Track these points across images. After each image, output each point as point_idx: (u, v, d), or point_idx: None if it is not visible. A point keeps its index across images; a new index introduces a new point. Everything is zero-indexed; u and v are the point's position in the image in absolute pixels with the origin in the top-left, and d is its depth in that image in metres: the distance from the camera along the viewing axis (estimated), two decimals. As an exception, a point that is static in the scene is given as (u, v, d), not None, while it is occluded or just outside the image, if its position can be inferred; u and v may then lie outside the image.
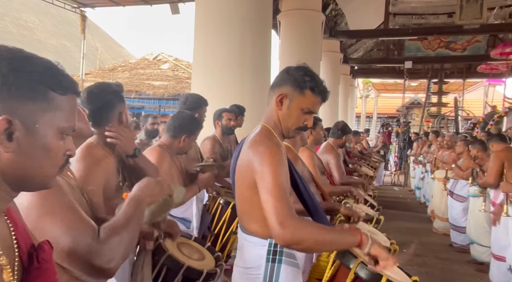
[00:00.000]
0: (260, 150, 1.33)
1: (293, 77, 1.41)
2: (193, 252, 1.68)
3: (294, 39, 7.06)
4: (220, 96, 3.91)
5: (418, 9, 10.68)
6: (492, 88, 13.96)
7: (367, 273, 1.27)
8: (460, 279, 3.94)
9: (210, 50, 4.15)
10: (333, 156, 3.28)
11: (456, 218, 5.01)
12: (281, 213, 1.20)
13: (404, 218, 6.55)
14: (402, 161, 12.01)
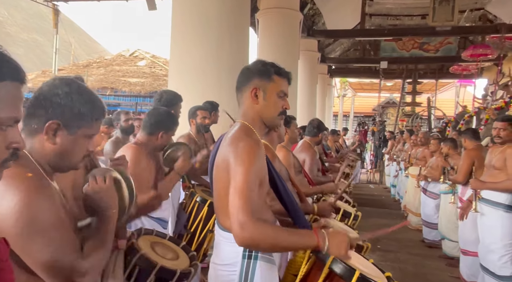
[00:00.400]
0: (240, 146, 1.33)
1: (256, 69, 1.45)
2: (167, 251, 1.65)
3: (272, 37, 7.08)
4: (197, 93, 3.87)
5: (393, 10, 10.92)
6: (463, 89, 14.42)
7: (341, 268, 1.30)
8: (432, 274, 4.06)
9: (187, 47, 4.11)
10: (309, 154, 3.31)
11: (429, 215, 5.14)
12: (243, 215, 1.22)
13: (379, 215, 6.69)
14: (378, 159, 12.27)
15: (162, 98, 2.87)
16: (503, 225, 3.13)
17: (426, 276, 3.99)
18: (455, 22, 8.23)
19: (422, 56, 12.80)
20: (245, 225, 1.21)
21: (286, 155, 2.66)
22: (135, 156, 2.11)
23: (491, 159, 3.28)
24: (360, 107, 22.89)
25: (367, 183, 11.63)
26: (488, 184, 3.25)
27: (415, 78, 13.86)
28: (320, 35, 10.12)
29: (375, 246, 4.77)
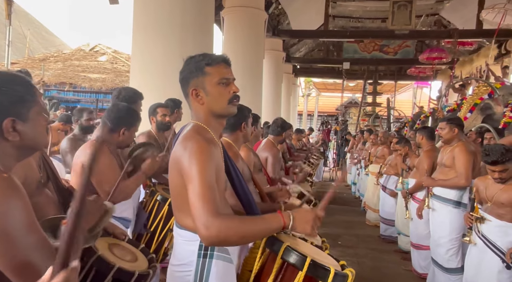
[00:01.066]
0: (189, 146, 1.31)
1: (187, 70, 1.42)
2: (126, 253, 1.62)
3: (238, 36, 7.08)
4: (160, 91, 3.81)
5: (355, 13, 11.26)
6: (420, 90, 15.11)
7: (294, 257, 1.31)
8: (387, 267, 4.24)
9: (149, 44, 4.02)
10: (272, 153, 3.34)
11: (388, 212, 5.32)
12: (205, 215, 1.19)
13: (340, 212, 6.88)
14: (340, 157, 12.59)
15: (121, 96, 2.79)
16: (452, 220, 3.30)
17: (382, 269, 4.17)
18: (413, 26, 8.62)
19: (382, 58, 13.31)
20: (209, 223, 1.19)
21: (246, 154, 2.68)
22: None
23: (443, 157, 3.45)
24: (324, 107, 23.38)
25: (330, 181, 11.90)
26: (438, 181, 3.42)
27: (375, 79, 14.36)
28: (285, 35, 10.25)
29: (335, 242, 4.91)
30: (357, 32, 11.23)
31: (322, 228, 4.88)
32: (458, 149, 3.27)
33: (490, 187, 2.65)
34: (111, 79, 11.58)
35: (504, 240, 2.55)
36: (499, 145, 2.60)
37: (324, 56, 14.25)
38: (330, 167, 13.69)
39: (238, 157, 2.28)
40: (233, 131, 2.24)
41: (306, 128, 13.23)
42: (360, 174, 8.25)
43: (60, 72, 11.73)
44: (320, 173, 11.60)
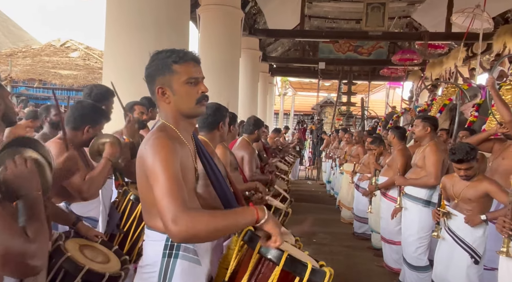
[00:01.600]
0: (150, 144, 1.27)
1: (153, 66, 1.34)
2: (97, 255, 1.59)
3: (214, 34, 7.03)
4: (133, 88, 3.73)
5: (330, 14, 11.42)
6: (393, 91, 15.48)
7: (271, 252, 1.28)
8: (360, 264, 4.33)
9: (123, 41, 3.93)
10: (248, 152, 3.35)
11: (362, 210, 5.40)
12: (172, 209, 1.15)
13: (315, 210, 6.98)
14: (316, 156, 12.75)
15: (92, 93, 2.72)
16: (421, 219, 3.39)
17: (356, 266, 4.26)
18: (386, 28, 8.83)
19: (357, 58, 13.56)
20: (177, 218, 1.14)
21: (223, 152, 2.67)
22: (59, 152, 1.98)
23: (415, 158, 3.54)
24: (300, 106, 23.58)
25: (305, 179, 12.04)
26: (410, 180, 3.51)
27: (350, 79, 14.62)
28: (261, 34, 10.28)
29: (310, 240, 4.97)
30: (332, 33, 11.40)
31: (297, 226, 4.93)
32: (429, 148, 3.35)
33: (457, 184, 2.75)
34: (83, 76, 11.28)
35: (472, 236, 2.64)
36: (464, 144, 2.71)
37: (300, 56, 14.39)
38: (306, 165, 13.85)
39: (214, 155, 2.28)
40: (211, 130, 2.24)
41: (283, 127, 13.32)
42: (335, 172, 8.38)
43: (29, 68, 11.31)
44: (296, 171, 11.71)
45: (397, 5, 10.17)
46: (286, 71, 17.01)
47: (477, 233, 2.63)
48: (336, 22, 11.95)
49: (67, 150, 2.03)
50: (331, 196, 8.60)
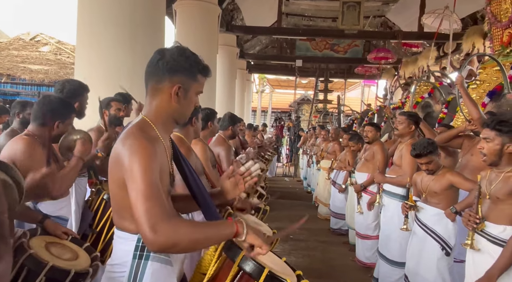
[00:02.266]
0: (128, 143, 1.21)
1: (181, 65, 1.30)
2: (65, 252, 1.55)
3: (190, 30, 6.96)
4: (107, 84, 3.65)
5: (307, 12, 11.50)
6: (368, 88, 15.78)
7: (251, 266, 1.27)
8: (336, 259, 4.41)
9: (96, 35, 3.83)
10: (223, 148, 3.33)
11: (338, 206, 5.50)
12: (152, 216, 1.11)
13: (292, 207, 7.04)
14: (293, 153, 12.86)
15: (65, 89, 2.62)
16: (399, 214, 3.30)
17: (331, 261, 4.32)
18: (361, 26, 8.98)
19: (333, 56, 13.74)
20: (157, 226, 1.09)
21: (202, 148, 2.65)
22: (27, 148, 1.91)
23: (395, 155, 3.57)
24: (278, 103, 23.69)
25: (283, 176, 12.12)
26: (388, 178, 3.55)
27: (326, 77, 14.79)
28: (238, 31, 10.24)
29: (287, 236, 5.01)
30: (309, 31, 11.50)
31: (274, 222, 4.96)
32: (405, 148, 3.36)
33: (424, 179, 2.85)
34: (55, 71, 10.91)
35: (442, 227, 2.73)
36: (424, 139, 2.84)
37: (277, 53, 14.44)
38: (283, 162, 13.94)
39: (190, 152, 2.26)
40: (184, 126, 2.23)
41: (260, 125, 13.36)
42: (311, 169, 8.48)
43: (-4, 63, 10.86)
44: (274, 168, 11.78)
45: (372, 4, 10.35)
46: (263, 68, 17.04)
47: (447, 224, 2.72)
48: (313, 20, 12.05)
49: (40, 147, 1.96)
50: (308, 193, 8.69)
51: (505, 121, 2.04)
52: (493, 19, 4.36)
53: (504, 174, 2.04)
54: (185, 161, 1.57)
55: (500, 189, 2.03)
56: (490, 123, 2.07)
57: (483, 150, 2.06)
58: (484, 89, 3.95)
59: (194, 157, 2.28)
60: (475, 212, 2.09)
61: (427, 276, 2.78)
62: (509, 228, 2.00)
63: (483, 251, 2.09)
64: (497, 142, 2.02)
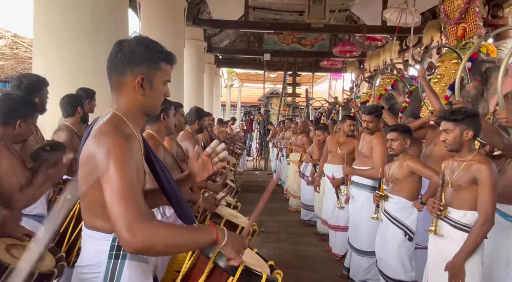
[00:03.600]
0: (104, 142, 1.17)
1: (142, 55, 1.25)
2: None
3: (156, 23, 6.80)
4: (67, 79, 3.51)
5: (274, 5, 11.51)
6: (335, 82, 16.06)
7: (226, 262, 1.26)
8: (306, 250, 4.48)
9: (55, 28, 3.66)
10: (191, 143, 3.29)
11: (308, 198, 5.58)
12: (129, 218, 1.08)
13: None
14: (263, 147, 12.93)
15: (22, 85, 2.48)
16: (369, 204, 3.42)
17: (302, 252, 4.40)
18: (327, 20, 9.09)
19: (300, 50, 13.86)
20: (134, 228, 1.07)
21: (169, 143, 2.61)
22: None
23: (362, 146, 3.62)
24: (247, 98, 23.69)
25: (254, 170, 12.16)
26: (357, 170, 3.59)
27: (294, 70, 14.93)
28: (205, 24, 10.12)
29: (259, 229, 5.04)
30: (276, 24, 11.52)
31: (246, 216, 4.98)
32: (376, 140, 3.44)
33: (391, 168, 2.96)
34: (11, 66, 10.37)
35: (404, 215, 2.85)
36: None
37: (245, 47, 14.39)
38: (253, 156, 13.99)
39: (159, 146, 2.23)
40: (154, 122, 2.22)
41: (230, 119, 13.31)
42: (282, 162, 8.56)
43: None
44: (244, 162, 11.80)
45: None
46: (232, 62, 16.94)
47: (408, 211, 2.85)
48: (280, 14, 12.08)
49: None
50: (279, 185, 8.77)
51: (457, 111, 2.16)
52: (446, 18, 4.54)
53: (465, 163, 2.14)
54: (156, 156, 1.54)
55: (461, 177, 2.13)
56: (445, 115, 2.18)
57: (446, 140, 2.17)
58: (445, 83, 4.11)
59: (162, 151, 2.26)
60: (439, 200, 2.19)
61: (389, 262, 2.91)
62: (469, 213, 2.11)
63: (445, 236, 2.19)
64: (457, 131, 2.12)
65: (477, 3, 4.08)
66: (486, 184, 2.04)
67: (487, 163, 2.07)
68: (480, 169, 2.05)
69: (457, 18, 4.33)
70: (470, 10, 4.16)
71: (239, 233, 1.66)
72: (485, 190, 2.04)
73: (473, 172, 2.08)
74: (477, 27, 4.09)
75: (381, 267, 3.00)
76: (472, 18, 4.16)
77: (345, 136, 4.27)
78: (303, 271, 3.83)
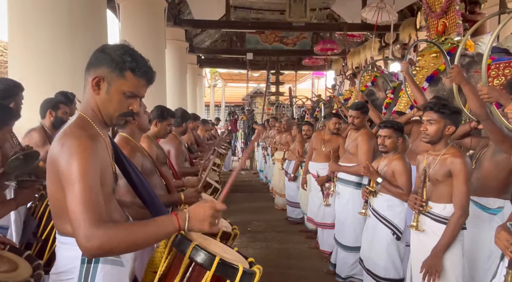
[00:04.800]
0: (68, 143, 1.15)
1: (110, 57, 1.23)
2: (2, 263, 1.44)
3: (136, 24, 6.72)
4: (45, 84, 3.44)
5: (255, 4, 11.52)
6: (317, 80, 16.18)
7: (202, 256, 1.26)
8: (293, 248, 4.49)
9: (30, 30, 3.58)
10: (174, 145, 3.26)
11: (292, 195, 5.61)
12: (85, 224, 1.07)
13: (249, 199, 7.09)
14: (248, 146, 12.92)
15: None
16: (354, 200, 3.48)
17: (289, 250, 4.41)
18: (308, 19, 9.16)
19: (283, 49, 13.93)
20: (90, 235, 1.06)
21: (148, 146, 2.56)
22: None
23: (348, 144, 3.63)
24: (231, 97, 23.65)
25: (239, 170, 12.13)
26: (343, 167, 3.59)
27: (277, 69, 14.97)
28: (186, 25, 10.06)
29: (245, 229, 5.05)
30: (258, 24, 11.54)
31: (232, 216, 4.98)
32: (361, 137, 3.44)
33: (380, 165, 2.92)
34: (-13, 71, 10.07)
35: (391, 213, 2.80)
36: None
37: (227, 47, 14.36)
38: (238, 156, 13.97)
39: (136, 152, 2.14)
40: (124, 124, 2.08)
41: (214, 119, 13.27)
42: (267, 161, 8.57)
43: None
44: (229, 162, 11.77)
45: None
46: (214, 62, 16.89)
47: (396, 209, 2.80)
48: (261, 13, 12.10)
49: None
50: (265, 184, 8.79)
51: (446, 105, 2.19)
52: (428, 10, 4.62)
53: (440, 157, 2.17)
54: (128, 160, 1.53)
55: (437, 170, 2.17)
56: (434, 106, 2.18)
57: (427, 131, 2.18)
58: (423, 75, 4.18)
59: (139, 156, 2.17)
60: (420, 195, 2.23)
61: (378, 261, 2.86)
62: (448, 205, 2.15)
63: (427, 230, 2.22)
64: (440, 124, 2.15)
65: (457, 1, 4.17)
66: (460, 176, 2.08)
67: (461, 156, 2.11)
68: (455, 162, 2.10)
69: (439, 14, 4.41)
70: (451, 7, 4.25)
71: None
72: (460, 183, 2.08)
73: (448, 165, 2.12)
74: (456, 25, 4.18)
75: (369, 266, 2.95)
76: (452, 15, 4.25)
77: (330, 134, 4.28)
78: (290, 269, 3.85)
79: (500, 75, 3.44)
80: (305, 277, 3.68)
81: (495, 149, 2.26)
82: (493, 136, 2.13)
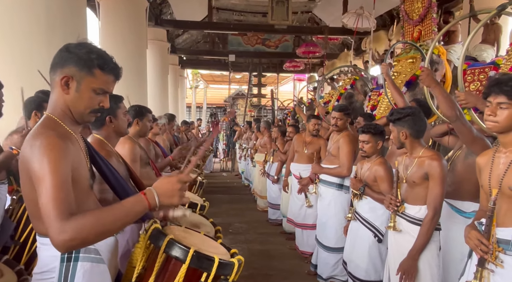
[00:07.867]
0: (37, 144, 1.14)
1: (76, 55, 1.22)
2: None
3: (116, 23, 6.64)
4: (23, 81, 3.33)
5: (237, 6, 11.55)
6: (299, 83, 16.32)
7: (176, 250, 1.25)
8: (274, 249, 4.52)
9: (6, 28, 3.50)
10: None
11: (274, 197, 5.65)
12: (56, 219, 1.06)
13: (231, 201, 7.09)
14: (230, 148, 12.90)
15: (-25, 88, 2.36)
16: (336, 202, 3.53)
17: (270, 251, 4.43)
18: (290, 21, 9.25)
19: (265, 51, 14.00)
20: (62, 228, 1.05)
21: (131, 147, 2.53)
22: None
23: (330, 146, 3.67)
24: (213, 99, 23.54)
25: (221, 172, 12.11)
26: (325, 169, 3.62)
27: (259, 71, 15.03)
28: (168, 25, 10.00)
29: (227, 231, 5.05)
30: (240, 25, 11.57)
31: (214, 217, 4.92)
32: (342, 139, 3.49)
33: (363, 167, 2.91)
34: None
35: (373, 215, 2.83)
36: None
37: (210, 48, 14.33)
38: (220, 157, 13.93)
39: (112, 156, 2.05)
40: (100, 126, 2.03)
41: (196, 120, 13.18)
42: (248, 163, 8.59)
43: None
44: (210, 164, 11.73)
45: (299, 0, 10.70)
46: (196, 63, 16.81)
47: (378, 211, 2.81)
48: (244, 15, 12.14)
49: None
50: (247, 186, 8.80)
51: (396, 112, 2.31)
52: (406, 17, 4.76)
53: (417, 159, 2.23)
54: (103, 160, 1.53)
55: (414, 173, 2.22)
56: (389, 117, 2.36)
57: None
58: (401, 80, 4.29)
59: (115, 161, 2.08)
60: (395, 196, 2.28)
61: (359, 263, 2.88)
62: (423, 207, 2.20)
63: (403, 231, 2.26)
64: (395, 131, 2.29)
65: (435, 9, 4.31)
66: (437, 178, 2.13)
67: (438, 158, 2.17)
68: (432, 164, 2.15)
69: (416, 21, 4.56)
70: (428, 15, 4.39)
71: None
72: (436, 185, 2.13)
73: (425, 167, 2.17)
74: (432, 33, 4.32)
75: (351, 269, 2.97)
76: (428, 22, 4.39)
77: (310, 136, 4.34)
78: (271, 270, 3.87)
79: (475, 80, 3.57)
80: (287, 278, 3.71)
81: (467, 151, 2.31)
82: (463, 138, 2.19)
